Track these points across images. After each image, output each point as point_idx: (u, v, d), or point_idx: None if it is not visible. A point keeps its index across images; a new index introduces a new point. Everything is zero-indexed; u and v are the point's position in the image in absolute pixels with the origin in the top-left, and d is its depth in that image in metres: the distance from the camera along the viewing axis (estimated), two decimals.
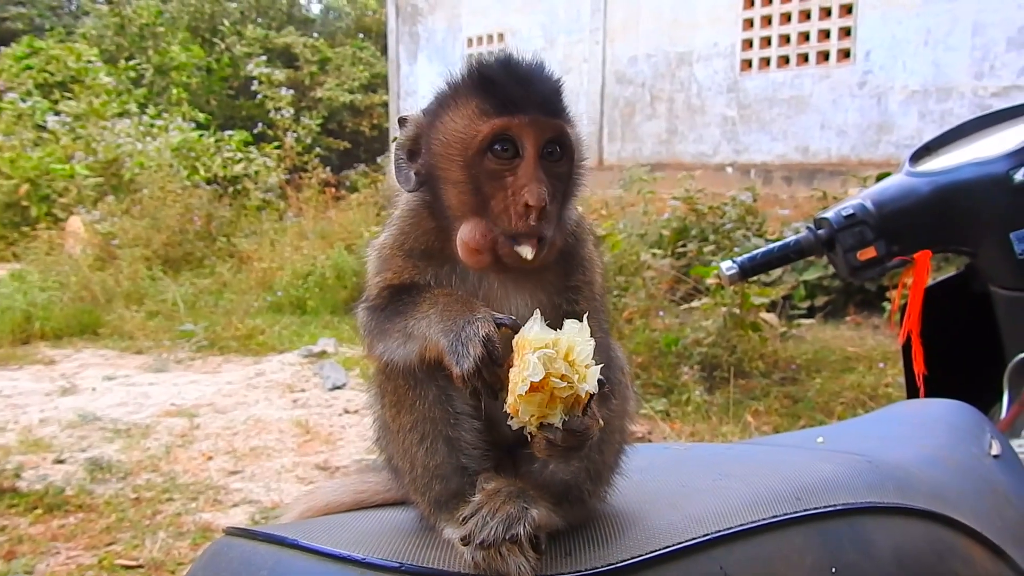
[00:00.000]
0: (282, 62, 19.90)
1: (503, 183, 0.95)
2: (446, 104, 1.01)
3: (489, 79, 0.98)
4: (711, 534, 0.91)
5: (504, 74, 0.98)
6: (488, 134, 0.96)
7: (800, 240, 2.21)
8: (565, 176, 1.00)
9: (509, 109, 0.96)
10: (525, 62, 1.00)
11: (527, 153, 0.96)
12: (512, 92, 0.96)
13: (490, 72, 0.99)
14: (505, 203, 0.94)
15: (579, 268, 1.03)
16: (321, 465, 4.66)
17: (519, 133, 0.96)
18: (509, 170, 0.95)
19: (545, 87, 0.99)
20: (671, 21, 11.25)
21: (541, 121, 0.96)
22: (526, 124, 0.95)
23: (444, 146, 0.99)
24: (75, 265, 9.28)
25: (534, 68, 0.99)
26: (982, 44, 8.45)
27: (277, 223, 11.39)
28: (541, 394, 0.82)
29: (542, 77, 0.99)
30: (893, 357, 6.07)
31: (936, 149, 2.31)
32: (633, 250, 6.86)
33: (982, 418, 1.56)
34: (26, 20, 23.34)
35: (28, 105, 14.50)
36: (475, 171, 0.96)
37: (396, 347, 0.98)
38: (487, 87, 0.98)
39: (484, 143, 0.96)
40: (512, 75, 0.98)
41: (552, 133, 0.97)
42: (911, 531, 1.07)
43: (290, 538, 0.92)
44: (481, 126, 0.96)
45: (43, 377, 6.45)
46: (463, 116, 0.98)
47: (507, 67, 0.99)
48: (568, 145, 0.99)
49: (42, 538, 3.69)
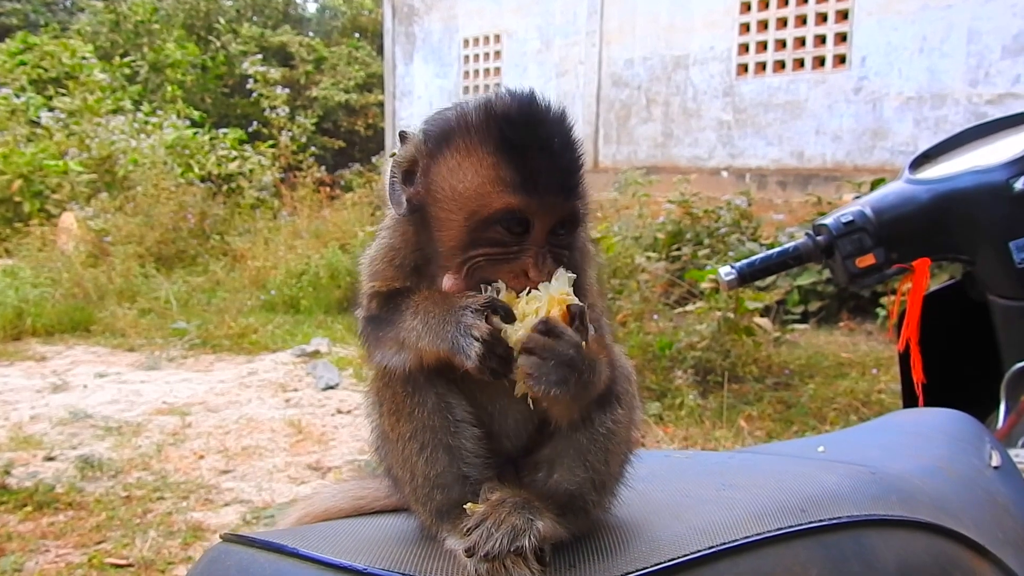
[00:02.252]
0: (277, 61, 19.87)
1: (506, 250, 0.92)
2: (455, 142, 0.94)
3: (510, 143, 0.90)
4: (716, 546, 0.90)
5: (527, 141, 0.90)
6: (500, 210, 0.90)
7: (799, 246, 2.20)
8: (569, 245, 0.96)
9: (528, 189, 0.89)
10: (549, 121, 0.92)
11: (536, 231, 0.91)
12: (535, 168, 0.90)
13: (511, 134, 0.91)
14: (496, 264, 0.92)
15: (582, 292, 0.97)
16: (313, 465, 4.65)
17: (533, 214, 0.91)
18: (515, 242, 0.91)
19: (571, 164, 0.92)
20: (667, 25, 11.27)
21: (559, 205, 0.91)
22: (541, 206, 0.90)
23: (446, 195, 0.93)
24: (67, 262, 9.25)
25: (562, 134, 0.92)
26: (977, 51, 8.49)
27: (271, 222, 11.38)
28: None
29: (569, 147, 0.93)
30: (886, 363, 6.09)
31: (935, 157, 2.31)
32: (628, 253, 6.87)
33: (982, 428, 1.56)
34: (21, 16, 23.24)
35: (22, 101, 14.45)
36: (476, 235, 0.92)
37: (392, 355, 0.96)
38: (508, 153, 0.90)
39: (494, 217, 0.91)
40: (537, 144, 0.90)
41: (567, 215, 0.93)
42: (915, 544, 1.07)
43: (289, 546, 0.90)
44: (494, 199, 0.90)
45: (34, 374, 6.42)
46: (475, 172, 0.91)
47: (531, 130, 0.91)
48: (580, 221, 0.96)
49: (31, 536, 3.67)
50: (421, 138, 0.98)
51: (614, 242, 6.72)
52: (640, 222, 8.24)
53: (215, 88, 20.19)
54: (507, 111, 0.92)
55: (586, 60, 12.20)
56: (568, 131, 0.93)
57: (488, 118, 0.92)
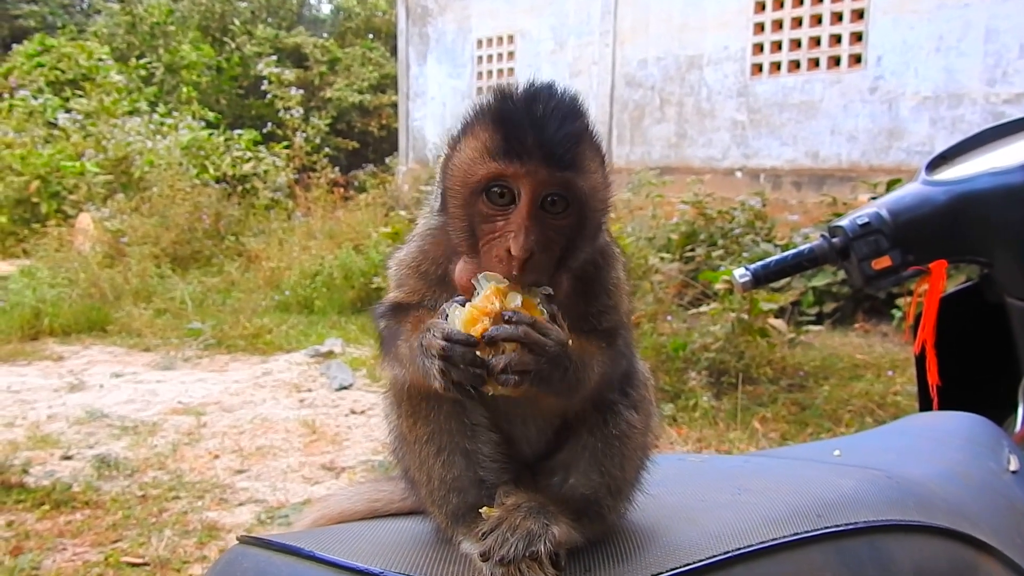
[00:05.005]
0: (292, 62, 19.94)
1: (494, 226, 0.91)
2: (464, 131, 0.96)
3: (501, 115, 0.92)
4: (731, 552, 0.90)
5: (517, 113, 0.91)
6: (484, 177, 0.91)
7: (814, 248, 2.19)
8: (570, 227, 0.93)
9: (509, 154, 0.90)
10: (548, 98, 0.92)
11: (521, 202, 0.90)
12: (519, 135, 0.90)
13: (504, 108, 0.92)
14: (491, 246, 0.91)
15: (604, 293, 1.00)
16: (327, 465, 4.66)
17: (515, 181, 0.90)
18: (502, 215, 0.91)
19: (559, 132, 0.90)
20: (681, 24, 11.23)
21: (541, 172, 0.89)
22: (523, 173, 0.89)
23: (450, 178, 0.96)
24: (84, 262, 9.31)
25: (555, 108, 0.91)
26: (995, 50, 8.41)
27: (285, 222, 11.42)
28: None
29: (560, 119, 0.90)
30: (902, 365, 6.05)
31: (952, 158, 2.29)
32: (641, 254, 6.85)
33: (999, 432, 1.55)
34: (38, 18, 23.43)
35: (39, 102, 14.58)
36: (471, 210, 0.93)
37: (398, 370, 0.98)
38: (497, 124, 0.91)
39: (480, 185, 0.92)
40: (525, 115, 0.90)
41: (553, 186, 0.91)
42: (932, 550, 1.06)
43: (306, 549, 0.91)
44: (479, 167, 0.91)
45: (51, 373, 6.47)
46: (469, 151, 0.93)
47: (523, 104, 0.91)
48: (576, 197, 0.92)
49: (49, 534, 3.70)
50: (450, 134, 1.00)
51: (628, 243, 6.70)
52: (654, 223, 8.22)
53: (230, 89, 20.30)
54: (509, 92, 0.93)
55: (600, 60, 12.18)
56: (566, 106, 0.92)
57: (492, 100, 0.94)
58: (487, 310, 0.86)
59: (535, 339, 0.84)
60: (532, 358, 0.84)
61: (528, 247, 0.88)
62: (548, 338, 0.85)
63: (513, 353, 0.84)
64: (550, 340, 0.85)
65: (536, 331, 0.85)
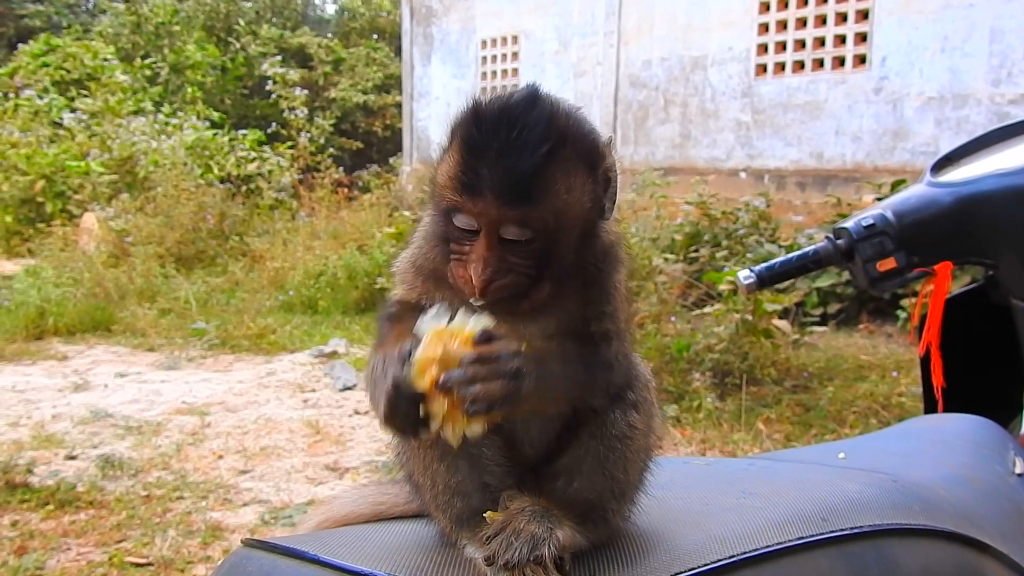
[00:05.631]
0: (296, 62, 19.95)
1: (461, 248, 0.92)
2: (447, 142, 0.96)
3: (467, 143, 0.90)
4: (736, 556, 0.90)
5: (482, 141, 0.88)
6: (448, 205, 0.92)
7: (819, 250, 2.18)
8: (539, 251, 0.91)
9: (468, 189, 0.89)
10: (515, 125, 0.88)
11: (480, 234, 0.90)
12: (477, 169, 0.88)
13: (470, 134, 0.90)
14: (457, 265, 0.92)
15: (603, 297, 0.99)
16: (331, 466, 4.66)
17: (472, 215, 0.90)
18: (468, 240, 0.91)
19: (518, 165, 0.87)
20: (685, 25, 11.22)
21: (494, 210, 0.88)
22: (478, 211, 0.89)
23: (430, 192, 0.97)
24: (89, 262, 9.33)
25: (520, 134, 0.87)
26: (1000, 51, 8.39)
27: (290, 223, 11.43)
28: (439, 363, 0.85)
29: (522, 148, 0.87)
30: (906, 366, 6.03)
31: (958, 159, 2.28)
32: (645, 254, 6.83)
33: (1005, 435, 1.54)
34: (43, 18, 23.49)
35: (45, 102, 14.62)
36: (444, 227, 0.95)
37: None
38: (462, 151, 0.90)
39: (447, 213, 0.93)
40: (488, 141, 0.88)
41: (510, 222, 0.89)
42: (938, 554, 1.06)
43: (310, 552, 0.91)
44: (446, 195, 0.92)
45: (56, 373, 6.49)
46: (444, 170, 0.93)
47: (490, 130, 0.88)
48: (540, 228, 0.89)
49: (53, 534, 3.71)
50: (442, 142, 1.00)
51: (632, 243, 6.69)
52: (658, 223, 8.20)
53: (234, 89, 20.33)
54: (478, 110, 0.91)
55: (604, 61, 12.17)
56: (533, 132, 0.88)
57: (465, 117, 0.92)
58: (433, 357, 0.85)
59: (488, 372, 0.83)
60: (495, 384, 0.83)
61: (486, 278, 0.88)
62: (500, 362, 0.84)
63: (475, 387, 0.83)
64: (502, 362, 0.84)
65: (484, 362, 0.84)
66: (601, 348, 0.97)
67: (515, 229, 0.89)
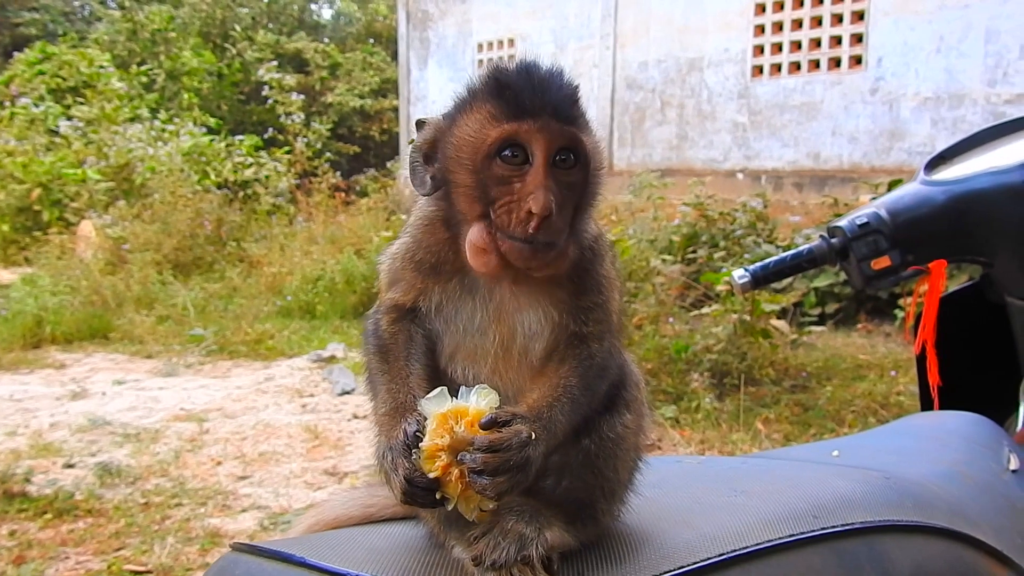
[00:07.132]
0: (293, 67, 19.97)
1: (511, 188, 0.93)
2: (462, 108, 1.00)
3: (503, 84, 0.97)
4: (726, 554, 0.89)
5: (518, 79, 0.96)
6: (497, 139, 0.94)
7: (813, 249, 2.18)
8: (578, 185, 0.97)
9: (519, 114, 0.94)
10: (542, 68, 0.97)
11: (536, 160, 0.93)
12: (524, 97, 0.94)
13: (505, 77, 0.97)
14: (509, 208, 0.92)
15: (595, 287, 1.00)
16: (330, 471, 4.65)
17: (528, 139, 0.94)
18: (518, 176, 0.93)
19: (560, 93, 0.96)
20: (681, 27, 11.23)
21: (552, 127, 0.94)
22: (536, 130, 0.93)
23: (456, 149, 0.97)
24: (86, 269, 9.32)
25: (551, 74, 0.97)
26: (995, 51, 8.40)
27: (287, 228, 11.42)
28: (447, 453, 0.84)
29: (558, 83, 0.97)
30: (905, 365, 6.03)
31: (951, 158, 2.28)
32: (643, 256, 6.84)
33: (999, 431, 1.54)
34: (39, 25, 23.49)
35: (41, 110, 14.62)
36: (484, 175, 0.95)
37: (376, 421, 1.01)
38: (501, 92, 0.96)
39: (493, 148, 0.94)
40: (526, 80, 0.96)
41: (564, 140, 0.95)
42: (930, 550, 1.05)
43: (297, 555, 0.91)
44: (491, 130, 0.94)
45: (53, 381, 6.47)
46: (476, 120, 0.97)
47: (523, 73, 0.97)
48: (582, 153, 0.96)
49: (51, 543, 3.69)
50: (440, 118, 1.04)
51: (629, 245, 6.68)
52: (655, 225, 8.21)
53: (231, 95, 20.34)
54: (503, 68, 0.99)
55: (600, 63, 12.19)
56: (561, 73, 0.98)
57: (486, 78, 0.99)
58: (442, 445, 0.84)
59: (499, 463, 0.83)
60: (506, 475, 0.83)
61: (548, 204, 0.90)
62: (510, 451, 0.84)
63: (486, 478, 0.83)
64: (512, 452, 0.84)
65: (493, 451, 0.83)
66: (594, 350, 0.97)
67: (566, 150, 0.95)
